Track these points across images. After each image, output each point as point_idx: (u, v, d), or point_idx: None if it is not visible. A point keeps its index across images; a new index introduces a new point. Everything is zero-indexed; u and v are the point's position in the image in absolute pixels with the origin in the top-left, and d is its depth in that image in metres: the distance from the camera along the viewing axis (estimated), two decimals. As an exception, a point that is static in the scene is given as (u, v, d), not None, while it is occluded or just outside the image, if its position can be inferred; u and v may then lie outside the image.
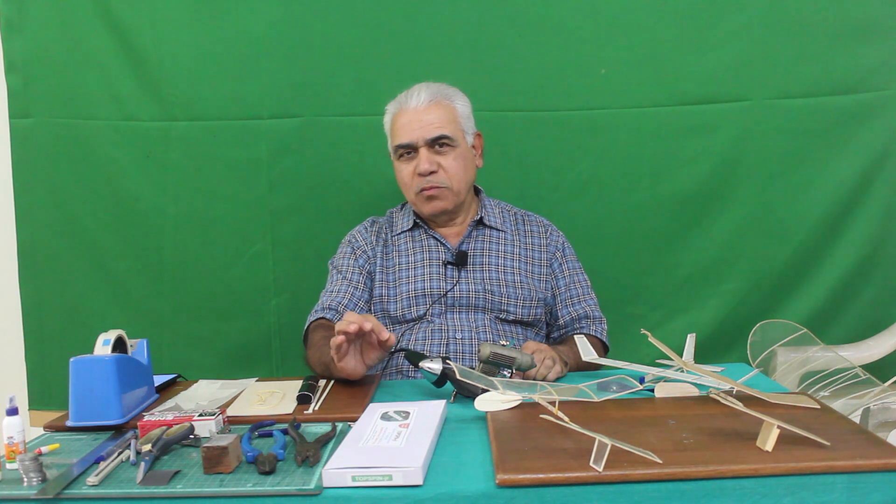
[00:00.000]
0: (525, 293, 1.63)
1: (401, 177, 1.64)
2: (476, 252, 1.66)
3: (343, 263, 1.68)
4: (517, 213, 1.76)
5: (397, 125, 1.62)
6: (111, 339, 1.24)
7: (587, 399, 1.13)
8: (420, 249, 1.67)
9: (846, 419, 1.05)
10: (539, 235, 1.72)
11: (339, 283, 1.65)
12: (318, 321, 1.60)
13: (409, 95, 1.62)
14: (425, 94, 1.60)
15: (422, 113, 1.59)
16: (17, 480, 0.97)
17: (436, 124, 1.59)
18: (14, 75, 2.00)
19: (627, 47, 1.97)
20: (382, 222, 1.75)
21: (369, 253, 1.68)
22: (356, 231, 1.74)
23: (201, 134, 2.01)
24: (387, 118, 1.67)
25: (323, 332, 1.52)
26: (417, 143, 1.59)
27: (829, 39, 1.94)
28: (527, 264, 1.67)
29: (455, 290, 1.60)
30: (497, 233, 1.69)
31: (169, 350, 2.05)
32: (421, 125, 1.59)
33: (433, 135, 1.58)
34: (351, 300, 1.62)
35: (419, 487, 0.89)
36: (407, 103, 1.61)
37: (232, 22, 1.97)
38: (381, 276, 1.66)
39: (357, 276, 1.65)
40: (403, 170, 1.63)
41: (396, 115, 1.63)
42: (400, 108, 1.63)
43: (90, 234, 2.05)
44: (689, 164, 2.01)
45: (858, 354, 1.88)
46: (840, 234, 2.01)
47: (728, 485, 0.87)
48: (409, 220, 1.70)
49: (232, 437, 0.97)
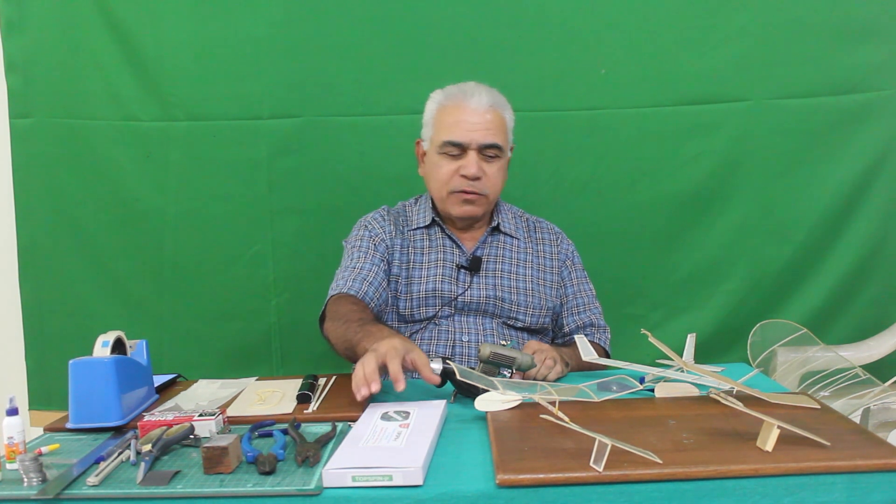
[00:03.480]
0: (535, 301, 1.62)
1: (438, 171, 1.57)
2: (490, 258, 1.64)
3: (363, 244, 1.62)
4: (529, 219, 1.74)
5: (450, 119, 1.55)
6: (110, 340, 1.24)
7: (587, 399, 1.13)
8: (435, 249, 1.64)
9: (846, 419, 1.05)
10: (550, 243, 1.70)
11: (360, 259, 1.58)
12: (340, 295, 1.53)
13: (466, 92, 1.56)
14: (486, 98, 1.55)
15: (480, 115, 1.54)
16: (17, 481, 0.97)
17: (492, 131, 1.55)
18: (14, 75, 2.00)
19: (627, 47, 1.97)
20: (397, 213, 1.70)
21: (388, 243, 1.63)
22: (371, 218, 1.68)
23: (201, 134, 2.01)
24: (432, 106, 1.60)
25: (350, 304, 1.46)
26: (470, 145, 1.54)
27: (829, 39, 1.94)
28: (538, 272, 1.66)
29: (466, 295, 1.59)
30: (511, 240, 1.67)
31: (169, 350, 2.05)
32: (477, 127, 1.53)
33: (488, 141, 1.54)
34: (375, 279, 1.55)
35: (419, 488, 0.89)
36: (466, 100, 1.55)
37: (232, 22, 1.97)
38: (397, 269, 1.61)
39: (380, 259, 1.59)
40: (444, 166, 1.56)
41: (449, 108, 1.57)
42: (456, 102, 1.56)
43: (90, 234, 2.05)
44: (689, 164, 2.01)
45: (858, 354, 1.88)
46: (840, 234, 2.01)
47: (728, 485, 0.86)
48: (425, 217, 1.66)
49: (232, 437, 0.97)
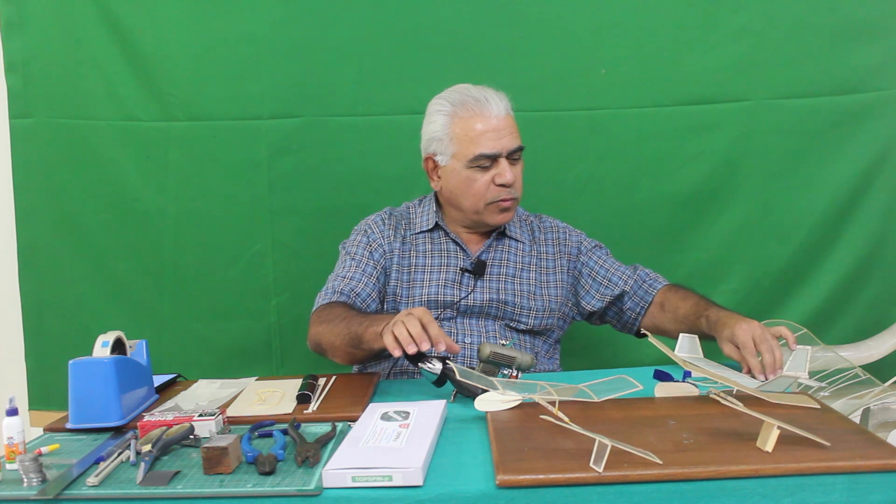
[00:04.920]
0: (539, 304, 1.61)
1: (473, 186, 1.54)
2: (494, 262, 1.63)
3: (357, 252, 1.62)
4: (533, 221, 1.73)
5: (477, 131, 1.52)
6: (110, 340, 1.24)
7: (587, 399, 1.13)
8: (439, 253, 1.63)
9: (846, 419, 1.05)
10: (553, 243, 1.68)
11: (352, 269, 1.59)
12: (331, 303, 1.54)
13: (479, 100, 1.53)
14: (503, 103, 1.54)
15: (503, 120, 1.53)
16: (17, 481, 0.97)
17: (515, 134, 1.54)
18: (14, 75, 2.00)
19: (627, 47, 1.97)
20: (399, 216, 1.69)
21: (385, 248, 1.62)
22: (372, 221, 1.67)
23: (201, 134, 2.00)
24: (443, 119, 1.55)
25: (343, 309, 1.47)
26: (502, 153, 1.52)
27: (829, 39, 1.94)
28: (542, 274, 1.65)
29: (469, 299, 1.58)
30: (516, 244, 1.66)
31: (169, 350, 2.05)
32: (504, 134, 1.52)
33: (516, 145, 1.54)
34: (364, 289, 1.56)
35: (419, 488, 0.89)
36: (484, 108, 1.52)
37: (232, 22, 1.96)
38: (396, 274, 1.61)
39: (372, 269, 1.59)
40: (479, 179, 1.53)
41: (468, 119, 1.53)
42: (473, 112, 1.52)
43: (90, 234, 2.05)
44: (689, 164, 2.01)
45: (858, 354, 1.88)
46: (840, 234, 2.01)
47: (728, 485, 0.87)
48: (429, 220, 1.65)
49: (232, 438, 0.97)
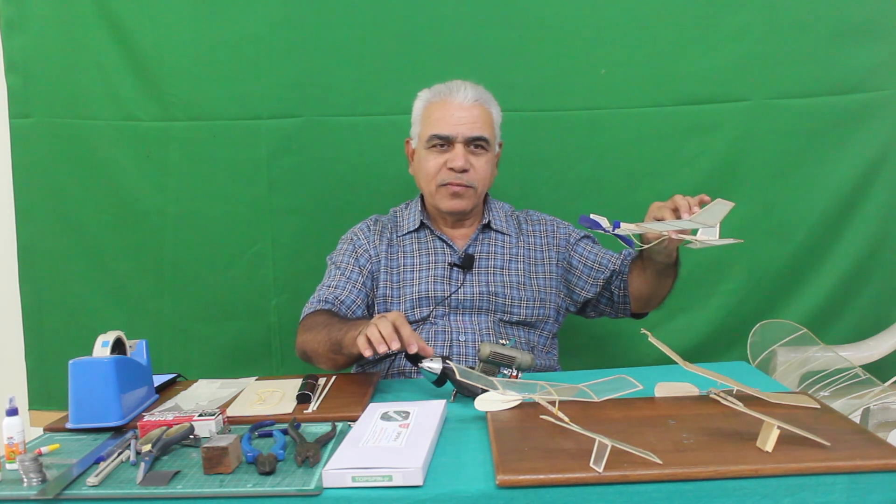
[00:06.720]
0: (529, 294, 1.63)
1: (425, 166, 1.61)
2: (482, 255, 1.65)
3: (342, 260, 1.66)
4: (519, 215, 1.76)
5: (436, 114, 1.60)
6: (110, 340, 1.24)
7: (587, 399, 1.13)
8: (426, 251, 1.66)
9: (846, 419, 1.05)
10: (541, 235, 1.71)
11: (336, 278, 1.63)
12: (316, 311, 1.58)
13: (451, 88, 1.60)
14: (472, 93, 1.60)
15: (466, 109, 1.58)
16: (17, 481, 0.97)
17: (478, 124, 1.59)
18: (14, 75, 2.00)
19: (627, 47, 1.97)
20: (385, 221, 1.73)
21: (371, 253, 1.66)
22: (358, 229, 1.72)
23: (201, 134, 2.00)
24: (420, 104, 1.66)
25: (326, 316, 1.51)
26: (456, 138, 1.58)
27: (829, 39, 1.94)
28: (530, 265, 1.67)
29: (459, 293, 1.60)
30: (503, 236, 1.69)
31: (169, 350, 2.05)
32: (463, 121, 1.58)
33: (474, 134, 1.58)
34: (349, 296, 1.60)
35: (419, 488, 0.89)
36: (451, 95, 1.60)
37: (232, 22, 1.96)
38: (385, 276, 1.64)
39: (357, 275, 1.63)
40: (431, 160, 1.60)
41: (435, 104, 1.62)
42: (441, 98, 1.61)
43: (90, 234, 2.05)
44: (689, 164, 2.01)
45: (858, 354, 1.88)
46: (840, 234, 2.01)
47: (728, 485, 0.87)
48: (415, 221, 1.68)
49: (232, 438, 0.97)
